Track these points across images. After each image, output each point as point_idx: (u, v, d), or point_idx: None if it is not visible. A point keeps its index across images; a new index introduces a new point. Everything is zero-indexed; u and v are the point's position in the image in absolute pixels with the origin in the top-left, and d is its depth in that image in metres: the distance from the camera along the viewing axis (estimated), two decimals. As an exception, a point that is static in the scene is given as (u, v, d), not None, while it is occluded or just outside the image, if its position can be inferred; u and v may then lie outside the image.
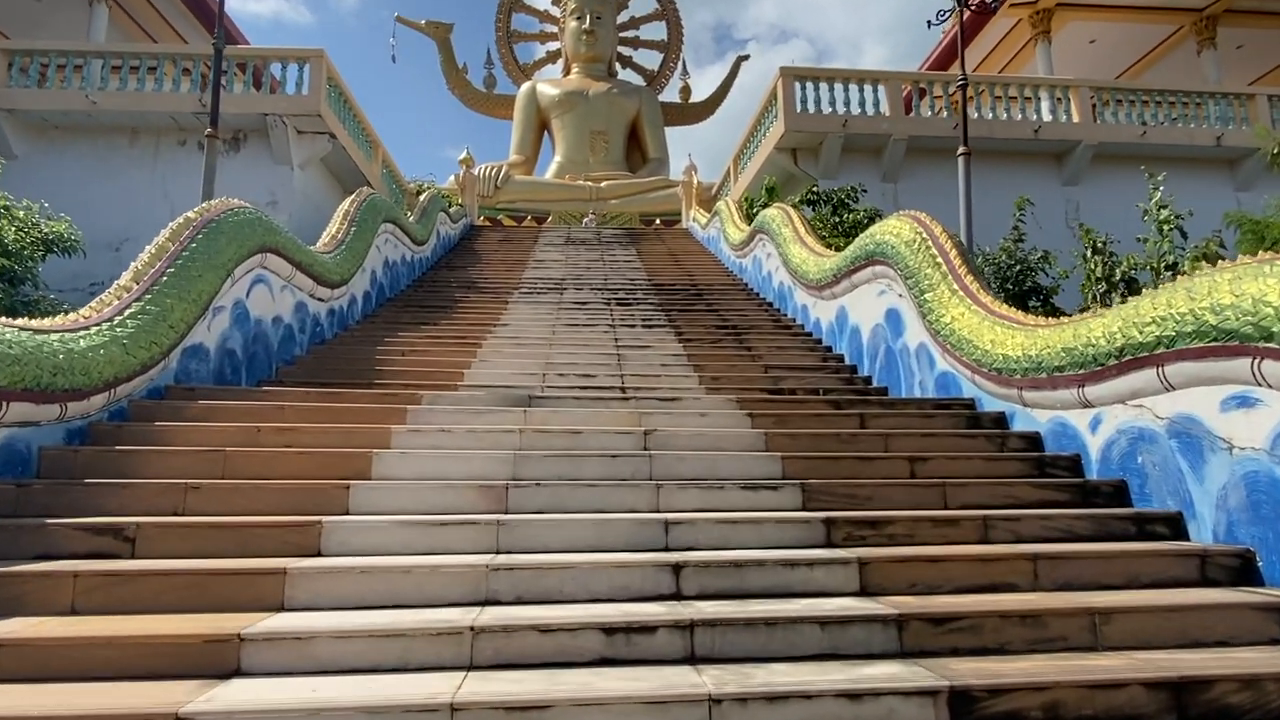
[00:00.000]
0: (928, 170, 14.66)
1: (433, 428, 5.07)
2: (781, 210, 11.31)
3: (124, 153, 13.57)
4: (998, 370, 5.59)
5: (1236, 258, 4.04)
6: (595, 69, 28.82)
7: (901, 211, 7.60)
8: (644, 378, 7.71)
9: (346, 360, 7.97)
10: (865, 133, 14.23)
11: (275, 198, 13.58)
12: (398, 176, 18.85)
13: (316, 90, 13.46)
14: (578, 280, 13.04)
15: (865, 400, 6.05)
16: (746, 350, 8.98)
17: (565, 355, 8.40)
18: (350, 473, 4.45)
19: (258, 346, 7.18)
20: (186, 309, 5.82)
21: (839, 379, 7.91)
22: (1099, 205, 14.81)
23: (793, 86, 14.26)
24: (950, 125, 14.38)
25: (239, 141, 13.73)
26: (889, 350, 7.54)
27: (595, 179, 25.53)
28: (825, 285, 9.06)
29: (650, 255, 15.63)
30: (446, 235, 15.62)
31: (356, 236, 9.87)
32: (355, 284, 9.77)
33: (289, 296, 7.85)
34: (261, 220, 7.14)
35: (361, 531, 3.71)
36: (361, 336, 9.09)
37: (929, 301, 6.63)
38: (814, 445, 5.11)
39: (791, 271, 10.36)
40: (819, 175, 14.44)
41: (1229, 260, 4.03)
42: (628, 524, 3.84)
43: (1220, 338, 3.80)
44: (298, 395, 5.70)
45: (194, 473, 4.39)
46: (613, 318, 10.46)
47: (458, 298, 11.51)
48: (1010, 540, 3.98)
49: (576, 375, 7.66)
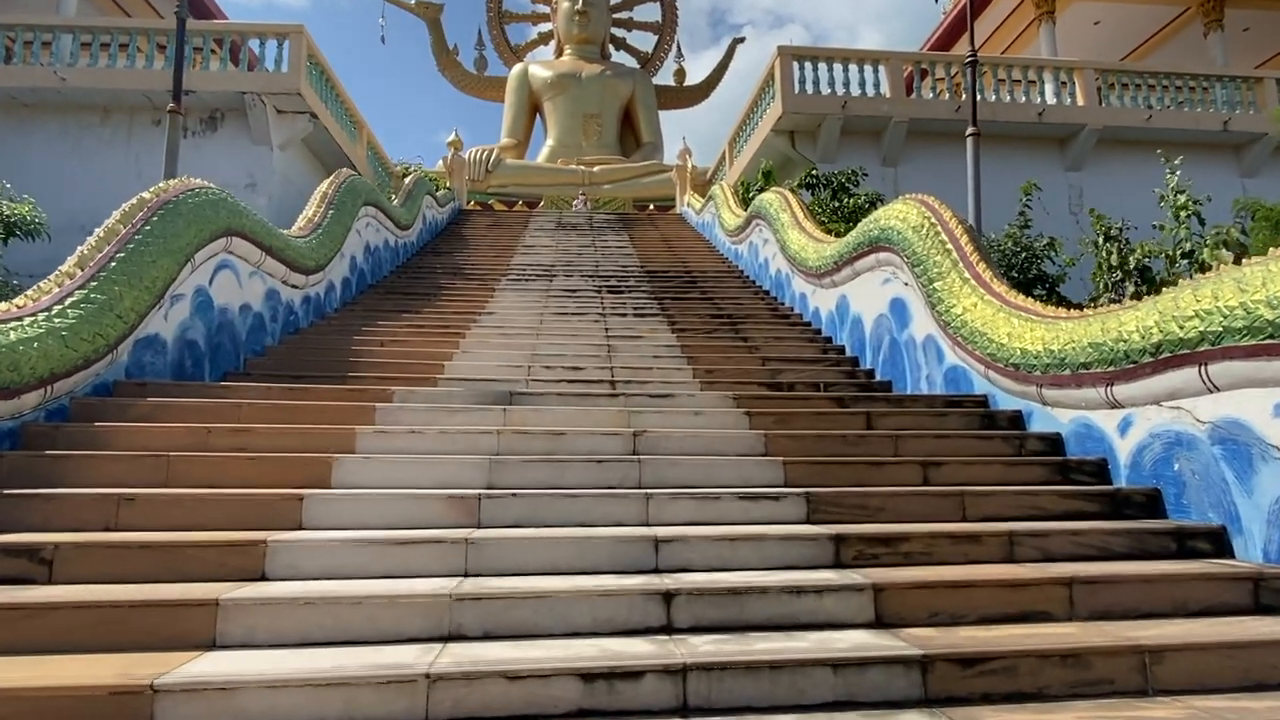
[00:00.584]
0: (929, 154, 14.18)
1: (402, 429, 4.62)
2: (779, 195, 10.84)
3: (96, 132, 12.98)
4: (1015, 366, 5.16)
5: (1251, 246, 3.60)
6: (588, 51, 28.16)
7: (907, 195, 7.15)
8: (635, 370, 7.26)
9: (320, 351, 7.49)
10: (865, 115, 13.73)
11: (254, 179, 13.02)
12: (384, 159, 18.27)
13: (296, 68, 12.87)
14: (568, 267, 12.56)
15: (870, 397, 5.63)
16: (743, 341, 8.53)
17: (553, 346, 7.94)
18: (307, 480, 4.01)
19: (223, 337, 6.70)
20: (138, 297, 5.34)
21: (840, 372, 7.48)
22: (1103, 191, 14.37)
23: (791, 66, 13.74)
24: (952, 108, 13.91)
25: (216, 121, 13.15)
26: (894, 342, 7.11)
27: (588, 163, 24.96)
28: (825, 273, 8.61)
29: (643, 241, 15.15)
30: (433, 220, 15.09)
31: (334, 220, 9.36)
32: (333, 270, 9.27)
33: (258, 283, 7.36)
34: (226, 202, 6.63)
35: (312, 552, 3.27)
36: (339, 325, 8.60)
37: (938, 291, 6.19)
38: (818, 448, 4.68)
39: (789, 258, 9.91)
40: (817, 159, 13.95)
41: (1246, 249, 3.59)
42: (613, 541, 3.41)
43: (1277, 334, 3.37)
44: (258, 392, 5.23)
45: (132, 480, 3.94)
46: (603, 306, 10.00)
47: (443, 285, 11.02)
48: (1038, 558, 3.56)
49: (564, 368, 7.21)
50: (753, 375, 7.34)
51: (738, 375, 7.28)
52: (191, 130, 13.08)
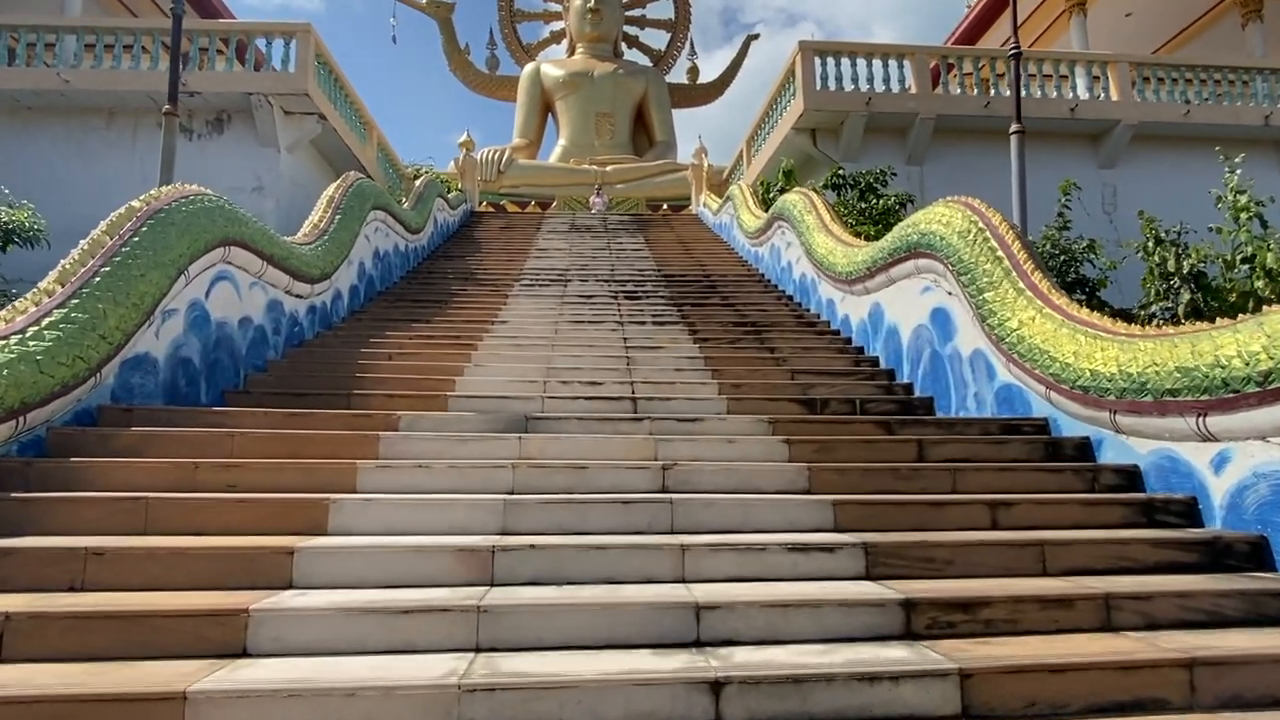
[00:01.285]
0: (957, 152, 13.61)
1: (408, 462, 4.16)
2: (803, 195, 10.31)
3: (100, 134, 12.62)
4: (1083, 389, 4.64)
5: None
6: (601, 49, 27.67)
7: (950, 198, 6.62)
8: (657, 386, 6.78)
9: (324, 366, 7.06)
10: (890, 111, 13.17)
11: (261, 183, 12.63)
12: (395, 161, 17.86)
13: (304, 67, 12.45)
14: (583, 271, 12.09)
15: (920, 421, 5.12)
16: (769, 352, 8.03)
17: (569, 358, 7.48)
18: (301, 526, 3.56)
19: (220, 352, 6.27)
20: (125, 315, 4.90)
21: (876, 387, 6.97)
22: (1138, 189, 13.75)
23: (812, 62, 13.19)
24: (982, 104, 13.33)
25: (222, 123, 12.76)
26: (935, 355, 6.59)
27: (601, 163, 24.48)
28: (856, 279, 8.09)
29: (659, 243, 14.66)
30: (444, 222, 14.66)
31: (341, 226, 8.93)
32: (340, 278, 8.84)
33: (259, 294, 6.93)
34: (223, 209, 6.20)
35: (301, 623, 2.81)
36: (345, 336, 8.17)
37: (989, 302, 5.67)
38: (867, 482, 4.19)
39: (816, 263, 9.39)
40: (839, 158, 13.40)
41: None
42: (647, 608, 2.93)
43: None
44: (253, 419, 4.79)
45: (107, 526, 3.50)
46: (620, 313, 9.52)
47: (454, 291, 10.58)
48: (1141, 626, 3.05)
49: (581, 383, 6.74)
50: (782, 391, 6.84)
51: (766, 391, 6.78)
52: (197, 132, 12.71)
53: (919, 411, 6.53)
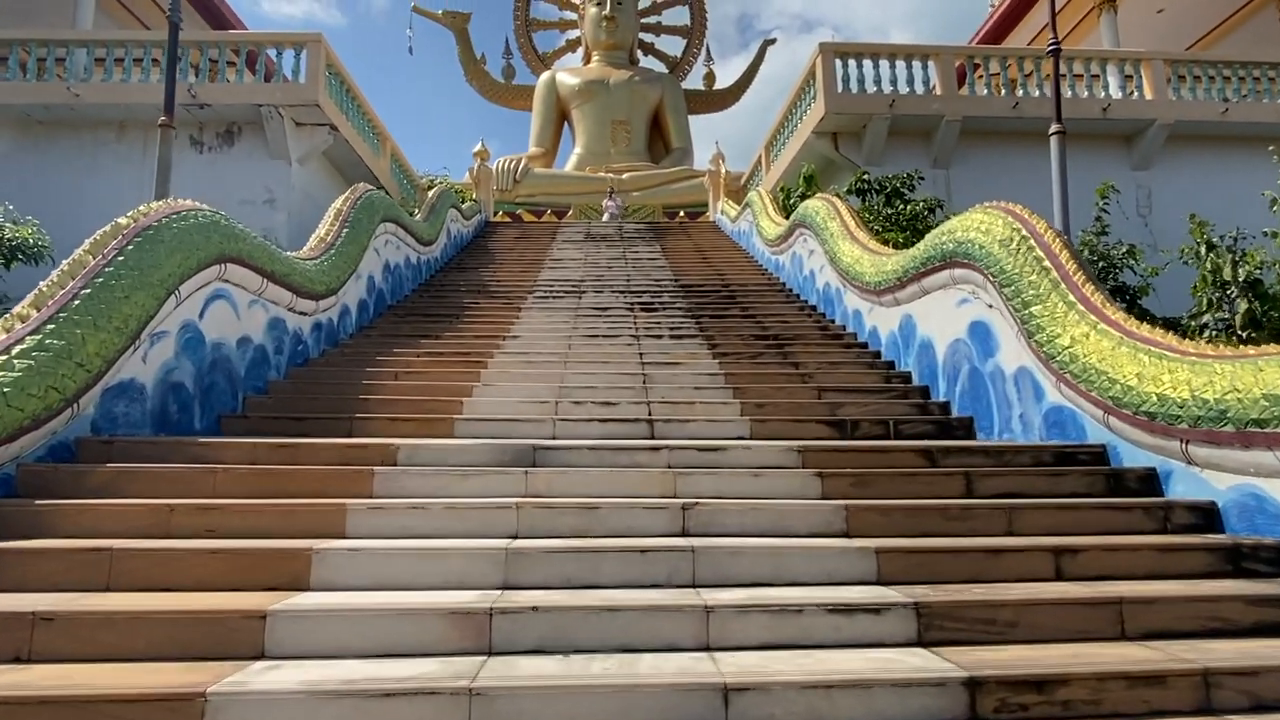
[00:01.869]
0: (984, 154, 13.09)
1: (403, 502, 3.76)
2: (826, 202, 9.86)
3: (111, 148, 12.44)
4: (1149, 414, 4.15)
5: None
6: (616, 57, 27.35)
7: (989, 203, 6.15)
8: (675, 407, 6.36)
9: (327, 387, 6.71)
10: (914, 114, 12.68)
11: (272, 195, 12.39)
12: (409, 171, 17.62)
13: (314, 78, 12.20)
14: (598, 282, 11.70)
15: (963, 448, 4.65)
16: (793, 367, 7.58)
17: (582, 376, 7.08)
18: (280, 580, 3.17)
19: (216, 375, 5.93)
20: (106, 340, 4.57)
21: (911, 407, 6.50)
22: (1174, 191, 13.15)
23: (833, 64, 12.74)
24: (1009, 105, 12.81)
25: (233, 135, 12.54)
26: (974, 372, 6.11)
27: (617, 170, 24.12)
28: (886, 289, 7.62)
29: (676, 252, 14.25)
30: (458, 233, 14.35)
31: (349, 239, 8.61)
32: (347, 292, 8.51)
33: (259, 313, 6.60)
34: (219, 224, 5.88)
35: (265, 712, 2.41)
36: (351, 354, 7.83)
37: (1035, 317, 5.19)
38: (912, 523, 3.73)
39: (841, 272, 8.93)
40: (862, 162, 12.92)
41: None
42: (667, 689, 2.50)
43: None
44: (240, 452, 4.42)
45: (65, 582, 3.14)
46: (636, 327, 9.12)
47: (466, 304, 10.23)
48: (1246, 708, 2.58)
49: (595, 404, 6.34)
50: (809, 411, 6.39)
51: (792, 411, 6.34)
52: (207, 145, 12.50)
53: (958, 433, 6.06)
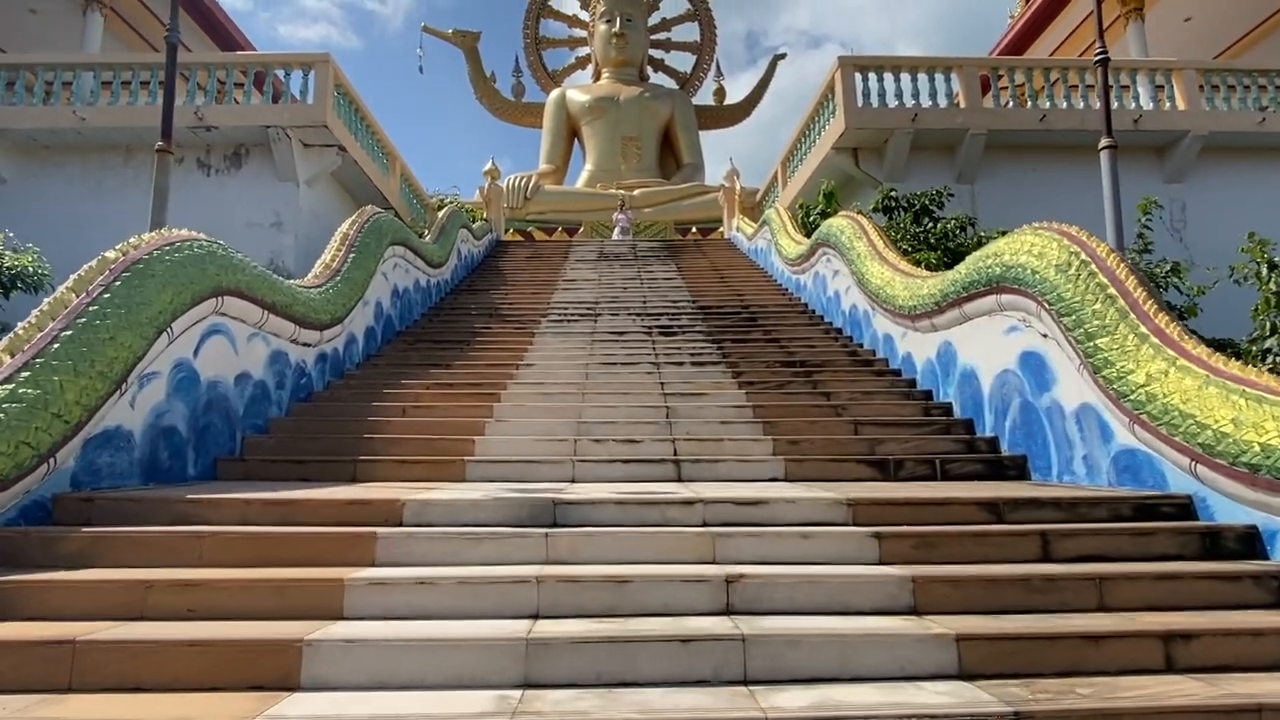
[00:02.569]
0: (1011, 168, 12.61)
1: (409, 575, 3.30)
2: (852, 221, 9.40)
3: (118, 173, 12.16)
4: (1250, 466, 3.65)
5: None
6: (626, 73, 27.12)
7: (1039, 224, 5.67)
8: (702, 444, 5.90)
9: (330, 423, 6.29)
10: (938, 127, 12.22)
11: (280, 218, 12.06)
12: (419, 191, 17.31)
13: (322, 98, 11.89)
14: (613, 304, 11.28)
15: (1031, 500, 4.13)
16: (824, 398, 7.10)
17: (601, 409, 6.63)
18: (267, 678, 2.72)
19: (212, 416, 5.52)
20: (88, 386, 4.16)
21: (956, 443, 6.00)
22: (1209, 205, 12.63)
23: (852, 78, 12.32)
24: (1037, 117, 12.34)
25: (240, 157, 12.23)
26: (1027, 407, 5.61)
27: (628, 186, 23.80)
28: (921, 314, 7.14)
29: (692, 271, 13.81)
30: (469, 254, 13.98)
31: (355, 265, 8.22)
32: (354, 320, 8.11)
33: (260, 346, 6.19)
34: (215, 255, 5.48)
35: None
36: (358, 387, 7.42)
37: (1102, 350, 4.70)
38: (989, 598, 3.24)
39: (870, 294, 8.45)
40: (884, 177, 12.48)
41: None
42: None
43: None
44: (232, 509, 3.97)
45: (18, 681, 2.70)
46: (656, 353, 8.67)
47: (477, 329, 9.82)
48: None
49: (616, 442, 5.89)
50: (846, 448, 5.91)
51: (828, 449, 5.86)
52: (214, 168, 12.20)
53: (1010, 473, 5.57)
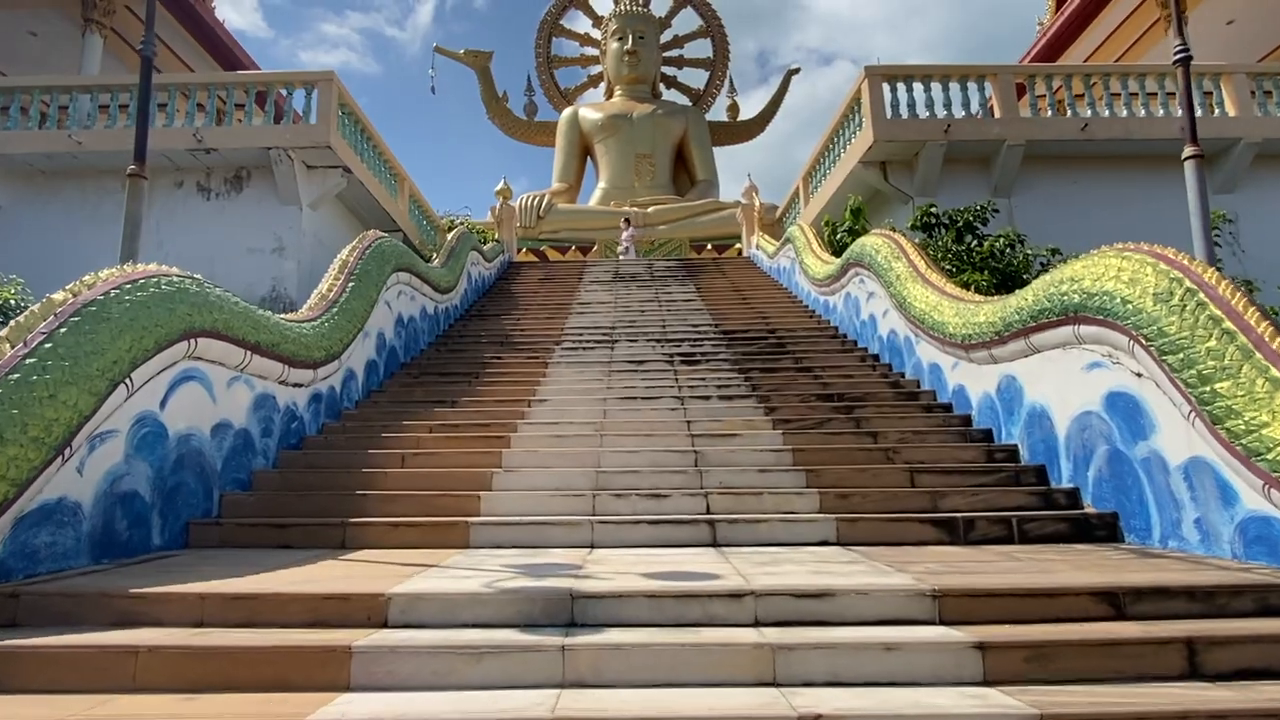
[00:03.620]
0: (1050, 181, 11.82)
1: (388, 717, 2.56)
2: (888, 240, 8.64)
3: (116, 198, 11.57)
4: None
5: None
6: (639, 90, 26.60)
7: (1126, 245, 4.89)
8: (739, 497, 5.15)
9: (322, 476, 5.59)
10: (972, 139, 11.46)
11: (282, 243, 11.46)
12: (429, 212, 16.72)
13: (326, 118, 11.31)
14: (631, 329, 10.56)
15: (1157, 588, 3.32)
16: (870, 439, 6.32)
17: (622, 456, 5.89)
18: None
19: (184, 474, 4.82)
20: (18, 456, 3.47)
21: (1030, 495, 5.19)
22: (1263, 216, 11.76)
23: (880, 89, 11.59)
24: (1078, 126, 11.55)
25: (241, 180, 11.67)
26: (1117, 456, 4.81)
27: (642, 204, 23.20)
28: (977, 344, 6.36)
29: (712, 292, 13.08)
30: (479, 277, 13.33)
31: (355, 294, 7.55)
32: (353, 355, 7.43)
33: (242, 392, 5.51)
34: (186, 293, 4.81)
35: None
36: (355, 429, 6.72)
37: (1223, 397, 3.91)
38: (1141, 742, 2.45)
39: (912, 320, 7.68)
40: (915, 192, 11.72)
41: None
42: None
43: None
44: (183, 607, 3.24)
45: None
46: (679, 384, 7.92)
47: (487, 360, 9.12)
48: None
49: (640, 496, 5.15)
50: (905, 502, 5.13)
51: (884, 504, 5.09)
52: (215, 191, 11.64)
53: (1099, 534, 4.76)
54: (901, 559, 4.07)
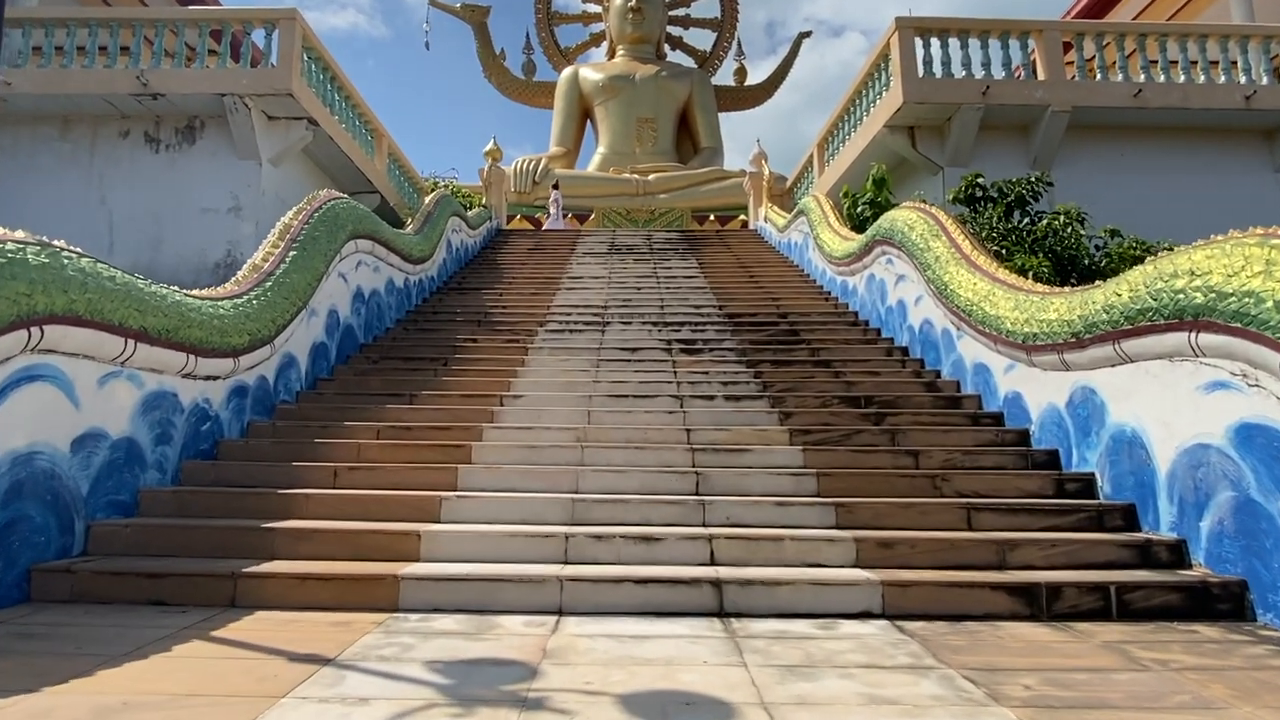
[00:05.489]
0: (1094, 152, 10.48)
1: None
2: (924, 215, 7.36)
3: (53, 147, 10.25)
4: None
5: None
6: (642, 51, 24.89)
7: (1270, 231, 3.64)
8: (752, 546, 3.97)
9: (224, 502, 4.39)
10: (1012, 103, 10.09)
11: (238, 202, 10.13)
12: (411, 173, 15.32)
13: (288, 62, 9.90)
14: (624, 308, 9.31)
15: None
16: (910, 460, 5.12)
17: (606, 476, 4.71)
18: None
19: (25, 505, 3.60)
20: None
21: (1122, 549, 4.00)
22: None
23: (912, 43, 10.18)
24: (1130, 92, 10.17)
25: (194, 131, 10.28)
26: (1250, 508, 3.61)
27: (643, 171, 21.73)
28: (1045, 345, 5.13)
29: (716, 268, 11.79)
30: (462, 245, 12.01)
31: (296, 266, 6.28)
32: (292, 338, 6.19)
33: (124, 391, 4.27)
34: (26, 266, 3.54)
35: None
36: (286, 431, 5.50)
37: None
38: None
39: (956, 309, 6.43)
40: (945, 161, 10.39)
41: None
42: None
43: None
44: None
45: None
46: (677, 379, 6.71)
47: (459, 343, 7.88)
48: None
49: (626, 539, 3.98)
50: (965, 555, 3.95)
51: (938, 556, 3.92)
52: (165, 143, 10.26)
53: (1222, 609, 3.59)
54: (983, 660, 2.89)
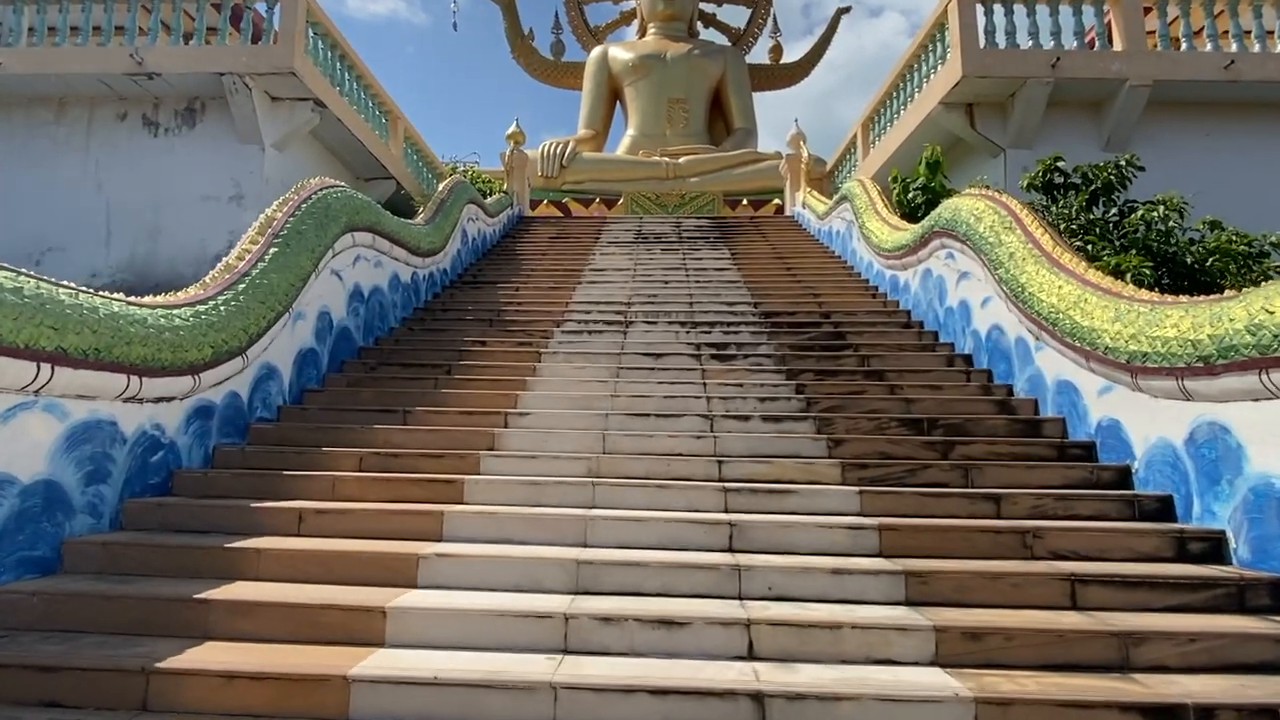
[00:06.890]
0: (1176, 132, 9.25)
1: None
2: (994, 205, 6.32)
3: (48, 131, 9.62)
4: None
5: None
6: (674, 29, 23.69)
7: None
8: (802, 630, 3.07)
9: (162, 557, 3.63)
10: (1085, 77, 8.90)
11: (240, 190, 9.42)
12: (430, 158, 14.52)
13: (290, 39, 9.10)
14: (650, 305, 8.41)
15: None
16: (989, 504, 4.18)
17: (622, 524, 3.87)
18: None
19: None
20: None
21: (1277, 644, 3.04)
22: None
23: (973, 10, 9.02)
24: (1221, 64, 8.90)
25: (194, 113, 9.57)
26: None
27: (673, 154, 20.65)
28: (1159, 369, 4.12)
29: (750, 259, 10.80)
30: (479, 235, 11.18)
31: (277, 264, 5.49)
32: (272, 346, 5.41)
33: (39, 425, 3.51)
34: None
35: None
36: (257, 458, 4.74)
37: None
38: None
39: (1034, 316, 5.42)
40: (1007, 142, 9.26)
41: None
42: None
43: None
44: None
45: None
46: (707, 394, 5.80)
47: (467, 346, 7.06)
48: None
49: (642, 624, 3.12)
50: (1077, 651, 3.04)
51: (1045, 653, 3.03)
52: (163, 126, 9.57)
53: None
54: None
